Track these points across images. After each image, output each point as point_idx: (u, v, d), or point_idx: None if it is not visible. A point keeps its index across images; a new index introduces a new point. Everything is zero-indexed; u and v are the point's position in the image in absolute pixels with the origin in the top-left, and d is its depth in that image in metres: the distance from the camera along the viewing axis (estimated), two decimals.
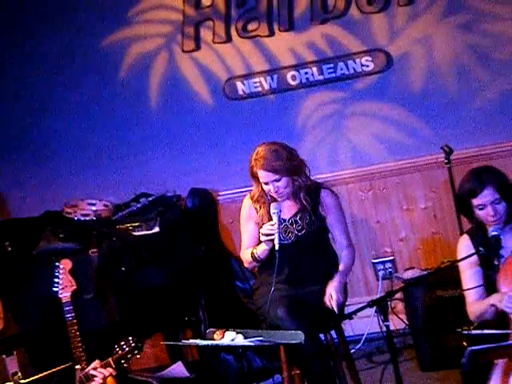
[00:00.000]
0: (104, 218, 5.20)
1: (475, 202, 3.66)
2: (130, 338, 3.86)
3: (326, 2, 5.42)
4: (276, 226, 4.06)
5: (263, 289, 4.17)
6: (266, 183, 4.14)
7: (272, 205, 4.12)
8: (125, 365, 3.86)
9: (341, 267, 4.15)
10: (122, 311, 4.84)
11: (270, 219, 4.11)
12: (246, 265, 4.29)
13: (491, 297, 3.57)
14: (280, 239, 4.09)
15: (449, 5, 5.27)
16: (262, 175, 4.13)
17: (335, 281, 4.06)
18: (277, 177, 4.11)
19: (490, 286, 3.63)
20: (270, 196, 4.19)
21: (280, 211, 4.11)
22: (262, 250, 4.14)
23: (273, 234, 4.05)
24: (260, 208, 4.21)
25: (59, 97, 5.77)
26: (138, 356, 3.84)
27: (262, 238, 4.10)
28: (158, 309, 4.95)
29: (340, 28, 5.43)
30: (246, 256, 4.24)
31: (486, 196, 3.63)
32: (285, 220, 4.18)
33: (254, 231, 4.21)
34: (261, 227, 4.13)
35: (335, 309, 3.97)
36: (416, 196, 5.45)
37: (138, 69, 5.70)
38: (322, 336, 4.10)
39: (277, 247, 4.04)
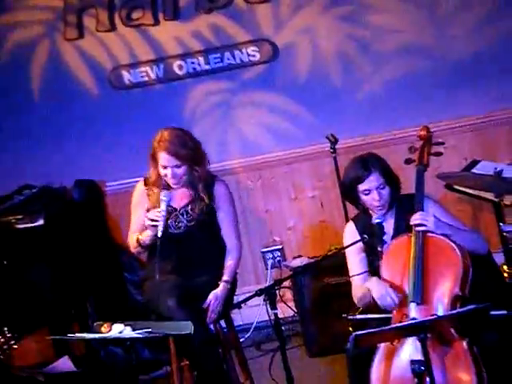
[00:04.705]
0: None
1: (361, 187, 3.72)
2: (6, 329, 3.74)
3: None
4: (163, 213, 4.02)
5: (151, 280, 4.13)
6: (165, 167, 4.07)
7: (162, 192, 4.07)
8: (1, 356, 3.73)
9: (225, 276, 4.11)
10: (4, 306, 4.71)
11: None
12: (131, 249, 4.24)
13: (368, 281, 3.66)
14: (169, 227, 4.07)
15: None
16: (164, 158, 4.05)
17: (219, 290, 4.06)
18: (178, 162, 4.05)
19: (374, 272, 3.72)
20: (165, 182, 4.13)
21: (170, 200, 4.07)
22: (146, 235, 4.10)
23: (157, 221, 4.01)
24: (154, 193, 4.14)
25: None
26: (15, 346, 3.73)
27: (147, 222, 4.05)
28: (43, 303, 4.85)
29: (226, 18, 5.43)
30: (131, 240, 4.20)
31: (372, 181, 3.71)
32: (176, 209, 4.14)
33: (142, 217, 4.14)
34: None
35: (211, 314, 4.02)
36: (303, 185, 5.52)
37: (18, 57, 5.53)
38: (211, 326, 4.10)
39: (159, 234, 3.99)
